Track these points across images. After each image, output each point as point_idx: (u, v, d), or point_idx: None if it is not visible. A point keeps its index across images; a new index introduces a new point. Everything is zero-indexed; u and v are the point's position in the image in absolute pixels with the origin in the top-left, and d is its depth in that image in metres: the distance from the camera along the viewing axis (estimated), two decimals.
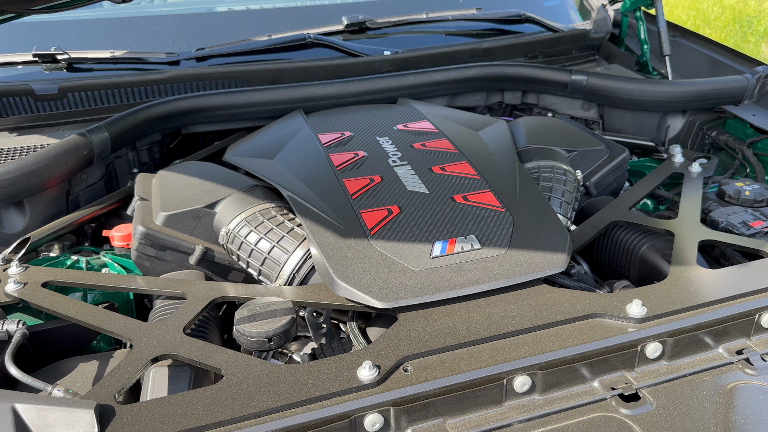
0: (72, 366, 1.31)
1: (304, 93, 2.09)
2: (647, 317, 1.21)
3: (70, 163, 1.71)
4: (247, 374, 1.08)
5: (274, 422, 1.00)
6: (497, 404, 1.12)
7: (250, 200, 1.54)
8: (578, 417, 1.10)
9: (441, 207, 1.47)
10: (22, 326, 1.23)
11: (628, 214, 1.62)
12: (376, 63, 2.29)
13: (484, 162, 1.65)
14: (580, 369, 1.16)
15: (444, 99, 2.28)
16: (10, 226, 1.68)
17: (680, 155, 1.93)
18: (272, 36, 2.31)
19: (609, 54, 2.64)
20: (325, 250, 1.33)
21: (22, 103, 2.04)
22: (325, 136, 1.81)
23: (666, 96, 2.16)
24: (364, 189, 1.53)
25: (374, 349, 1.15)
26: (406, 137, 1.80)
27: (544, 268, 1.31)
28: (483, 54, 2.41)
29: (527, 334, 1.18)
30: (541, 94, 2.32)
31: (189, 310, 1.27)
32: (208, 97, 2.03)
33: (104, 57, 2.16)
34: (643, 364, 1.20)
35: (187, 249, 1.49)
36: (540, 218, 1.44)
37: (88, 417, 0.97)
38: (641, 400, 1.13)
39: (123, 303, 1.57)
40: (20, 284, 1.37)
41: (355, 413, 1.03)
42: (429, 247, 1.35)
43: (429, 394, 1.07)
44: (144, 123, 1.91)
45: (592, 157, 1.80)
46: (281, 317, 1.22)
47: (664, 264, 1.50)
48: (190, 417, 1.00)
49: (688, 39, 2.63)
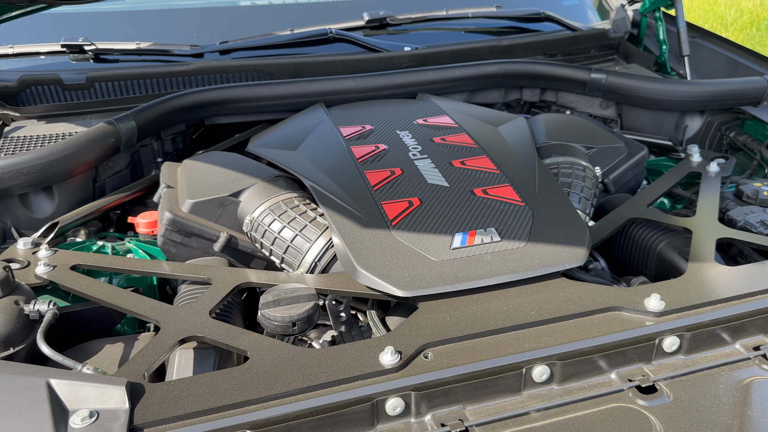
0: (98, 347, 1.34)
1: (326, 87, 2.12)
2: (665, 311, 1.22)
3: (97, 151, 1.75)
4: (272, 356, 1.11)
5: (299, 403, 1.02)
6: (516, 393, 1.14)
7: (274, 190, 1.56)
8: (595, 407, 1.12)
9: (461, 200, 1.49)
10: (52, 306, 1.26)
11: (646, 211, 1.64)
12: (396, 58, 2.31)
13: (503, 157, 1.66)
14: (598, 360, 1.17)
15: (463, 95, 2.30)
16: (39, 211, 1.72)
17: (698, 155, 1.93)
18: (294, 30, 2.34)
19: (627, 54, 2.65)
20: (347, 239, 1.36)
21: (50, 92, 2.08)
22: (346, 128, 1.83)
23: (685, 96, 2.17)
24: (385, 181, 1.56)
25: (396, 335, 1.17)
26: (426, 131, 1.82)
27: (563, 262, 1.33)
28: (502, 51, 2.43)
29: (546, 325, 1.20)
30: (560, 92, 2.33)
31: (214, 294, 1.30)
32: (232, 89, 2.06)
33: (130, 48, 2.20)
34: (660, 358, 1.22)
35: (212, 236, 1.52)
36: (559, 213, 1.46)
37: (120, 393, 1.00)
38: (658, 392, 1.14)
39: (147, 288, 1.60)
40: (50, 267, 1.41)
41: (377, 397, 1.06)
42: (449, 238, 1.37)
43: (449, 380, 1.09)
44: (169, 113, 1.95)
45: (611, 154, 1.81)
46: (305, 303, 1.25)
47: (681, 261, 1.51)
48: (217, 396, 1.03)
49: (707, 40, 2.63)
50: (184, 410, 1.00)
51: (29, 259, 1.45)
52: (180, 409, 1.00)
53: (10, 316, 1.23)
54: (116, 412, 0.99)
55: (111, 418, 0.98)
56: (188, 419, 0.99)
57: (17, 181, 1.62)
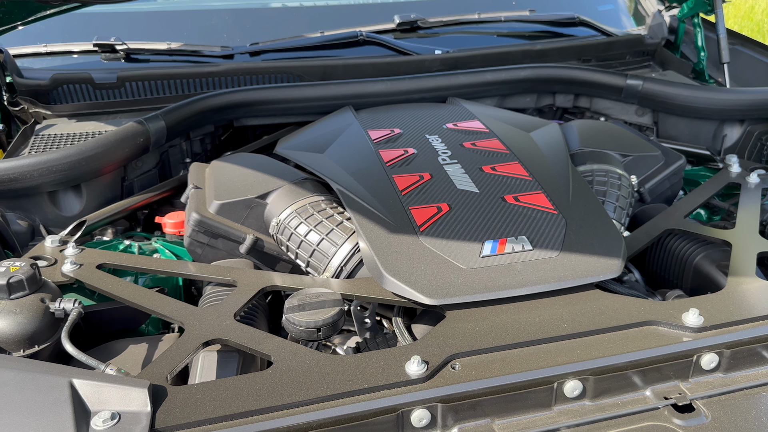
0: (122, 347, 1.34)
1: (355, 90, 2.10)
2: (704, 327, 1.17)
3: (127, 150, 1.75)
4: (297, 362, 1.09)
5: (323, 411, 1.00)
6: (546, 408, 1.10)
7: (301, 192, 1.55)
8: (629, 425, 1.08)
9: (491, 207, 1.45)
10: (78, 305, 1.26)
11: (683, 222, 1.58)
12: (426, 62, 2.29)
13: (535, 163, 1.62)
14: (633, 377, 1.13)
15: (494, 100, 2.27)
16: (68, 209, 1.73)
17: (737, 165, 1.87)
18: (325, 33, 2.33)
19: (664, 60, 2.58)
20: (374, 244, 1.33)
21: (81, 91, 2.10)
22: (374, 132, 1.81)
23: (724, 104, 2.11)
24: (413, 186, 1.53)
25: (422, 344, 1.14)
26: (456, 136, 1.79)
27: (598, 273, 1.29)
28: (535, 56, 2.39)
29: (579, 339, 1.16)
30: (594, 98, 2.28)
31: (239, 297, 1.29)
32: (261, 90, 2.06)
33: (161, 48, 2.21)
34: (697, 375, 1.17)
35: (239, 238, 1.51)
36: (594, 222, 1.42)
37: (142, 395, 0.99)
38: (695, 412, 1.09)
39: (172, 289, 1.59)
40: (76, 265, 1.41)
41: (403, 407, 1.03)
42: (479, 246, 1.34)
43: (477, 393, 1.06)
44: (199, 114, 1.95)
45: (647, 163, 1.76)
46: (330, 308, 1.23)
47: (720, 275, 1.46)
48: (240, 401, 1.01)
49: (747, 47, 2.56)
50: (206, 415, 0.98)
51: (56, 257, 1.45)
52: (202, 414, 0.98)
53: (35, 313, 1.23)
54: (138, 414, 0.97)
55: (133, 421, 0.96)
56: (210, 424, 0.98)
57: (46, 179, 1.63)
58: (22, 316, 1.21)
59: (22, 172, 1.60)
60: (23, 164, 1.61)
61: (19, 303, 1.23)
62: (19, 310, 1.22)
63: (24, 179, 1.61)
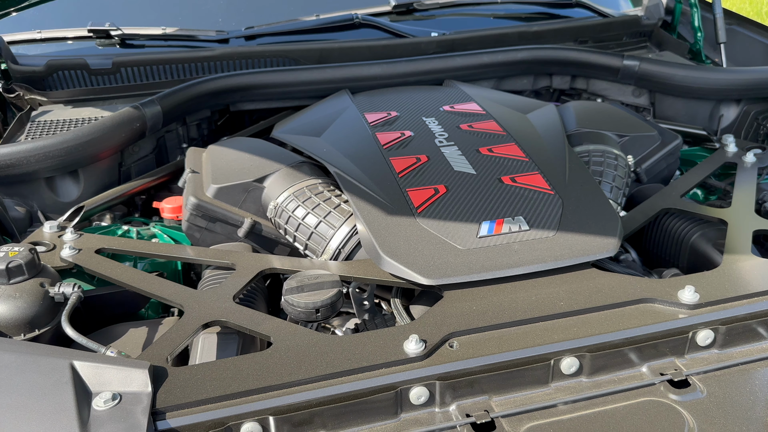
0: (122, 331, 1.34)
1: (351, 73, 2.09)
2: (699, 304, 1.18)
3: (123, 135, 1.75)
4: (296, 342, 1.10)
5: (322, 390, 1.01)
6: (543, 385, 1.11)
7: (298, 176, 1.55)
8: (626, 401, 1.09)
9: (488, 188, 1.46)
10: (77, 289, 1.27)
11: (679, 202, 1.59)
12: (423, 44, 2.28)
13: (532, 144, 1.63)
14: (629, 353, 1.14)
15: (491, 82, 2.26)
16: (65, 195, 1.73)
17: (733, 145, 1.87)
18: (320, 16, 2.32)
19: (661, 41, 2.58)
20: (372, 226, 1.34)
21: (77, 77, 2.10)
22: (371, 115, 1.81)
23: (720, 84, 2.10)
24: (410, 168, 1.53)
25: (420, 324, 1.15)
26: (453, 118, 1.79)
27: (594, 252, 1.30)
28: (532, 37, 2.38)
29: (576, 317, 1.17)
30: (591, 79, 2.28)
31: (238, 279, 1.29)
32: (257, 74, 2.05)
33: (156, 34, 2.20)
34: (693, 351, 1.18)
35: (236, 221, 1.51)
36: (590, 202, 1.42)
37: (143, 376, 1.00)
38: (691, 387, 1.11)
39: (171, 274, 1.60)
40: (75, 250, 1.41)
41: (401, 385, 1.04)
42: (476, 226, 1.34)
43: (474, 370, 1.07)
44: (195, 98, 1.94)
45: (643, 143, 1.76)
46: (329, 289, 1.23)
47: (716, 253, 1.47)
48: (240, 381, 1.01)
49: (744, 27, 2.55)
50: (207, 394, 0.99)
51: (55, 243, 1.46)
52: (202, 393, 0.99)
53: (35, 298, 1.23)
54: (139, 395, 0.98)
55: (134, 401, 0.97)
56: (211, 403, 0.98)
57: (43, 165, 1.63)
58: (22, 300, 1.22)
59: (19, 158, 1.60)
60: (20, 150, 1.61)
61: (18, 288, 1.23)
62: (19, 294, 1.22)
63: (21, 165, 1.61)
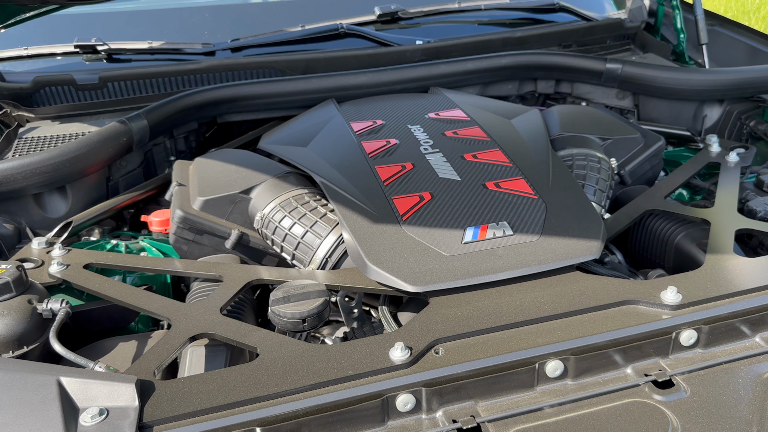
0: (112, 345, 1.35)
1: (337, 82, 2.10)
2: (682, 304, 1.19)
3: (110, 150, 1.75)
4: (282, 353, 1.11)
5: (308, 399, 1.01)
6: (529, 388, 1.12)
7: (285, 186, 1.56)
8: (611, 402, 1.09)
9: (473, 194, 1.47)
10: (65, 305, 1.27)
11: (663, 203, 1.60)
12: (408, 52, 2.29)
13: (516, 149, 1.64)
14: (613, 355, 1.15)
15: (476, 88, 2.28)
16: (53, 211, 1.73)
17: (717, 145, 1.89)
18: (305, 26, 2.34)
19: (644, 43, 2.60)
20: (358, 234, 1.35)
21: (64, 93, 2.10)
22: (357, 124, 1.82)
23: (703, 84, 2.12)
24: (395, 176, 1.54)
25: (406, 331, 1.15)
26: (438, 125, 1.80)
27: (578, 255, 1.31)
28: (516, 43, 2.40)
29: (560, 320, 1.18)
30: (575, 83, 2.30)
31: (225, 291, 1.30)
32: (244, 86, 2.06)
33: (142, 48, 2.21)
34: (677, 352, 1.19)
35: (224, 233, 1.52)
36: (573, 205, 1.43)
37: (129, 391, 1.00)
38: (675, 387, 1.11)
39: (161, 287, 1.60)
40: (63, 266, 1.41)
41: (387, 393, 1.04)
42: (461, 233, 1.35)
43: (460, 376, 1.07)
44: (181, 111, 1.95)
45: (627, 146, 1.78)
46: (315, 299, 1.24)
47: (700, 253, 1.48)
48: (227, 393, 1.02)
49: (726, 27, 2.58)
50: (194, 407, 1.00)
51: (43, 259, 1.46)
52: (190, 406, 1.00)
53: (23, 314, 1.24)
54: (126, 409, 0.99)
55: (121, 416, 0.98)
56: (198, 416, 0.99)
57: (31, 181, 1.64)
58: (10, 317, 1.22)
59: (6, 176, 1.61)
60: (7, 167, 1.61)
61: (6, 305, 1.24)
62: (7, 311, 1.23)
63: (8, 182, 1.61)
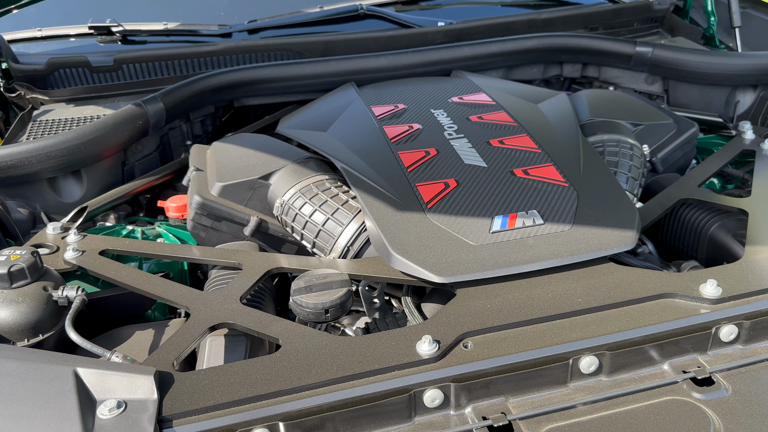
0: (128, 334, 1.32)
1: (357, 65, 2.05)
2: (722, 298, 1.14)
3: (126, 133, 1.72)
4: (305, 345, 1.07)
5: (333, 394, 0.98)
6: (562, 385, 1.07)
7: (305, 172, 1.52)
8: (648, 400, 1.05)
9: (500, 181, 1.42)
10: (81, 292, 1.24)
11: (697, 192, 1.54)
12: (429, 34, 2.24)
13: (545, 135, 1.58)
14: (650, 351, 1.10)
15: (500, 72, 2.22)
16: (68, 195, 1.70)
17: (751, 132, 1.82)
18: (324, 7, 2.30)
19: (673, 26, 2.52)
20: (381, 222, 1.30)
21: (78, 75, 2.07)
22: (378, 108, 1.77)
23: (736, 69, 2.05)
24: (419, 162, 1.49)
25: (433, 323, 1.11)
26: (462, 110, 1.75)
27: (612, 246, 1.26)
28: (541, 25, 2.33)
29: (594, 313, 1.13)
30: (603, 67, 2.23)
31: (245, 280, 1.26)
32: (261, 69, 2.02)
33: (158, 29, 2.17)
34: (716, 348, 1.14)
35: (242, 220, 1.48)
36: (606, 194, 1.38)
37: (148, 383, 0.97)
38: (715, 385, 1.07)
39: (177, 274, 1.57)
40: (78, 252, 1.38)
41: (415, 388, 1.00)
42: (488, 221, 1.30)
43: (490, 371, 1.03)
44: (198, 94, 1.91)
45: (659, 132, 1.72)
46: (338, 289, 1.20)
47: (736, 245, 1.42)
48: (248, 386, 0.98)
49: (758, 10, 2.50)
50: (215, 400, 0.96)
51: (58, 244, 1.43)
52: (210, 400, 0.96)
53: (38, 302, 1.21)
54: (145, 402, 0.95)
55: (139, 409, 0.95)
56: (219, 410, 0.96)
57: (45, 165, 1.61)
58: (25, 305, 1.19)
59: (21, 159, 1.58)
60: (21, 150, 1.58)
61: (21, 292, 1.21)
62: (22, 299, 1.20)
63: (23, 166, 1.58)
